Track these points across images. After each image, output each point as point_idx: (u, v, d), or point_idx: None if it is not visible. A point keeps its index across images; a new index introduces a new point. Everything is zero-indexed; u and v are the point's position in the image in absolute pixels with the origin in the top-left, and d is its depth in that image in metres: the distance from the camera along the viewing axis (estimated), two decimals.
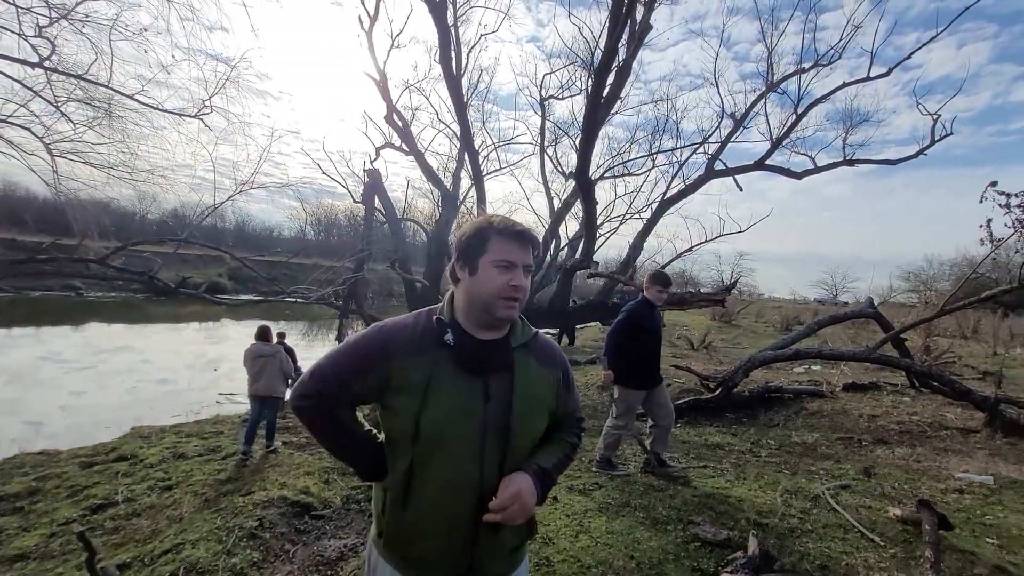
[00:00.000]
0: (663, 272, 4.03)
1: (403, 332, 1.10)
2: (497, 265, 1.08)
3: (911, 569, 2.66)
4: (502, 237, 1.09)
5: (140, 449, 5.84)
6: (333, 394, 1.08)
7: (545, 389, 1.17)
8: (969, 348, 14.30)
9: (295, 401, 1.11)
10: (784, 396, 6.69)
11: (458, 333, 1.09)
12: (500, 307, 1.08)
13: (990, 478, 4.10)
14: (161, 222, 30.54)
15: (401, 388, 1.04)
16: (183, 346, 15.90)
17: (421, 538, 1.09)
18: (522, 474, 1.08)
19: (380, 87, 8.62)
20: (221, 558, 2.78)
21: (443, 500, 1.06)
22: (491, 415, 1.06)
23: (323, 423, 1.12)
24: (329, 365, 1.10)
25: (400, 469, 1.07)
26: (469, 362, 1.07)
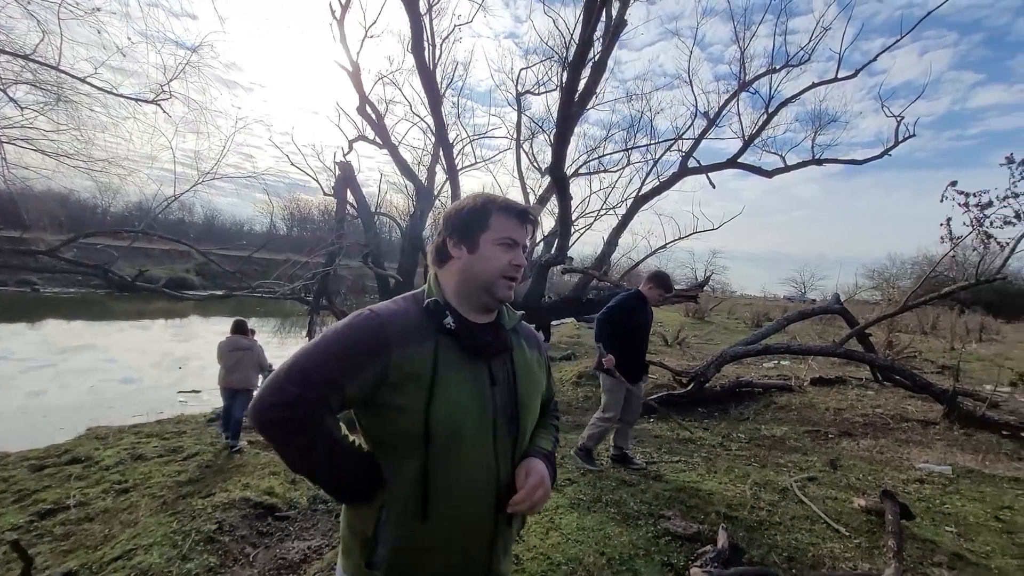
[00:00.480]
0: (667, 275, 3.98)
1: (398, 317, 0.96)
2: (500, 243, 1.02)
3: (875, 558, 2.71)
4: (505, 214, 1.03)
5: (96, 451, 5.58)
6: (321, 399, 0.89)
7: (538, 371, 1.16)
8: (928, 343, 14.85)
9: (266, 413, 0.88)
10: (754, 390, 6.81)
11: (457, 317, 1.00)
12: (501, 287, 1.03)
13: (948, 468, 4.23)
14: (124, 215, 29.41)
15: (402, 381, 0.91)
16: (148, 344, 15.35)
17: (445, 548, 0.97)
18: (536, 459, 1.05)
19: (353, 78, 8.42)
20: (175, 564, 2.65)
21: (468, 499, 0.97)
22: (500, 401, 1.00)
23: (309, 439, 0.90)
24: (313, 362, 0.90)
25: (409, 475, 0.93)
26: (474, 346, 0.99)
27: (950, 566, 2.66)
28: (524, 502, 0.98)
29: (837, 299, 7.77)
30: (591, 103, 8.16)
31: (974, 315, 21.32)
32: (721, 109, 9.32)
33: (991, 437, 4.97)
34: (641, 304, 3.89)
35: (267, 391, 0.89)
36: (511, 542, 1.10)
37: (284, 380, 0.88)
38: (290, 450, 0.92)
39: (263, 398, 0.89)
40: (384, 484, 0.96)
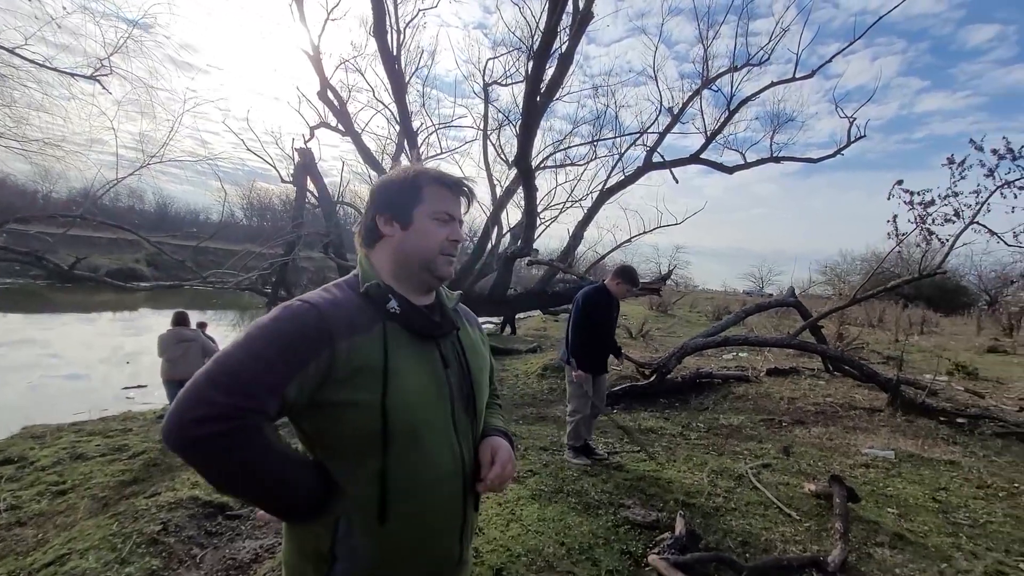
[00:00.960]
0: (634, 270, 3.96)
1: (338, 305, 0.86)
2: (436, 217, 0.97)
3: (823, 540, 2.81)
4: (438, 186, 0.98)
5: (31, 450, 5.23)
6: (258, 407, 0.75)
7: (483, 348, 1.13)
8: (875, 335, 15.62)
9: (189, 431, 0.72)
10: (714, 381, 6.99)
11: (400, 299, 0.93)
12: (441, 264, 0.97)
13: (891, 453, 4.44)
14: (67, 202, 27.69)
15: (351, 375, 0.82)
16: (95, 338, 14.55)
17: (418, 546, 0.90)
18: (497, 439, 1.03)
19: (314, 62, 8.14)
20: (113, 568, 2.50)
21: (437, 488, 0.91)
22: (455, 383, 0.96)
23: (245, 457, 0.75)
24: (243, 364, 0.76)
25: (369, 477, 0.85)
26: (423, 329, 0.93)
27: (891, 546, 2.79)
28: (498, 479, 0.95)
29: (792, 293, 8.06)
30: (558, 95, 8.15)
31: (916, 309, 22.57)
32: (685, 105, 9.49)
33: (930, 423, 5.24)
34: (606, 299, 3.90)
35: (187, 404, 0.73)
36: (475, 525, 1.07)
37: (208, 389, 0.74)
38: (222, 472, 0.76)
39: (184, 413, 0.72)
40: (337, 493, 0.85)
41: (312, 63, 8.09)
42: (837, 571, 2.46)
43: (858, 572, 2.51)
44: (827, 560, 2.50)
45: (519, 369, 8.61)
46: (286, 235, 8.48)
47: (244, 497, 0.86)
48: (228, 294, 19.18)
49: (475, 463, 0.98)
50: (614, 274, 3.96)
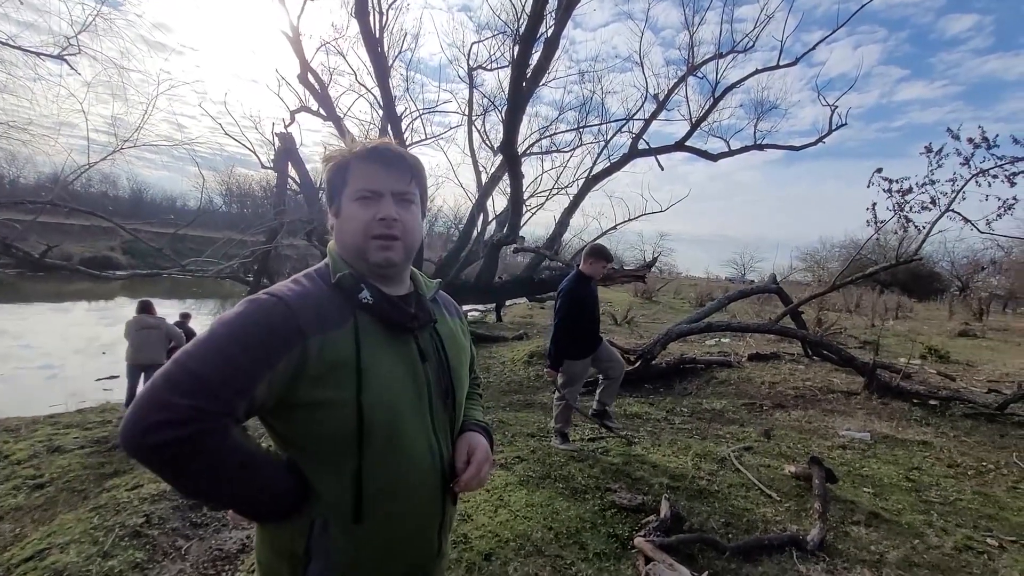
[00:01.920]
0: (603, 247, 3.94)
1: (307, 297, 0.81)
2: (360, 197, 0.87)
3: (803, 520, 2.89)
4: (360, 161, 0.88)
5: (5, 444, 5.10)
6: (223, 410, 0.71)
7: (463, 339, 1.07)
8: (853, 320, 15.99)
9: (150, 436, 0.66)
10: (697, 367, 7.09)
11: (373, 289, 0.86)
12: (372, 249, 0.87)
13: (867, 434, 4.58)
14: (36, 188, 26.75)
15: (324, 373, 0.77)
16: (70, 328, 14.17)
17: (392, 550, 0.87)
18: (474, 434, 0.99)
19: (293, 44, 7.93)
20: (95, 562, 2.46)
21: (413, 487, 0.87)
22: (433, 377, 0.92)
23: (211, 461, 0.71)
24: (207, 364, 0.71)
25: (345, 477, 0.81)
26: (398, 320, 0.88)
27: (867, 524, 2.88)
28: (474, 479, 0.92)
29: (774, 279, 8.19)
30: (544, 80, 8.08)
31: (892, 295, 23.16)
32: (670, 92, 9.49)
33: (904, 405, 5.41)
34: (584, 283, 3.87)
35: (145, 408, 0.67)
36: (453, 519, 1.04)
37: (167, 392, 0.68)
38: (185, 478, 0.71)
39: (141, 418, 0.67)
40: (310, 493, 0.82)
41: (292, 45, 7.88)
42: (816, 549, 2.54)
43: (836, 550, 2.59)
44: (807, 539, 2.58)
45: (505, 356, 8.64)
46: (268, 222, 8.31)
47: (211, 502, 0.83)
48: (208, 283, 18.81)
49: (452, 458, 0.95)
50: (585, 256, 3.92)
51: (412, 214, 0.92)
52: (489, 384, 7.33)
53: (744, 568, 2.40)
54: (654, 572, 2.21)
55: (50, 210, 5.95)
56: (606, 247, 3.98)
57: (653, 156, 9.41)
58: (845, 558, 2.53)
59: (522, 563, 2.34)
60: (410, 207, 0.91)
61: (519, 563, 2.33)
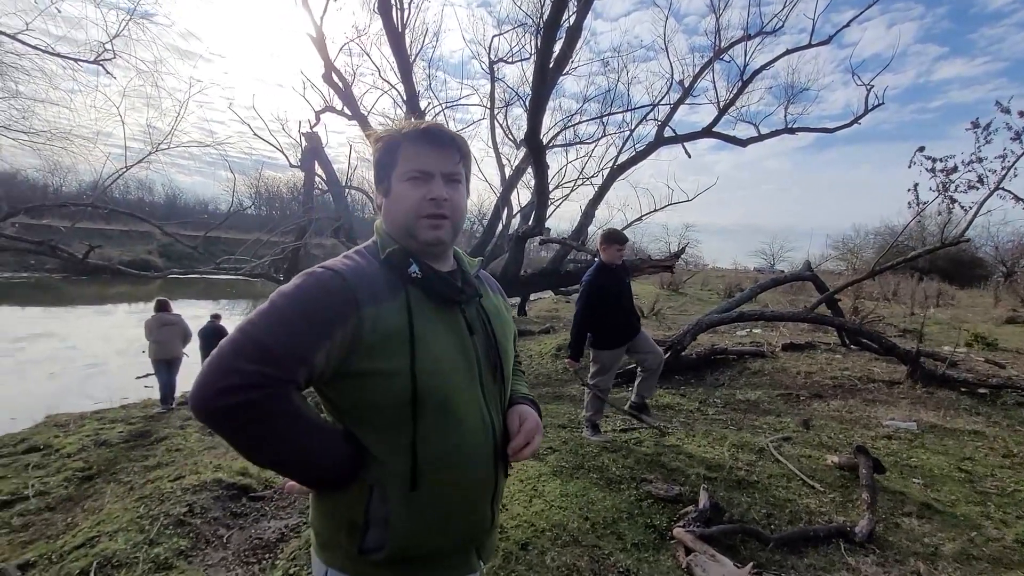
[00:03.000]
0: (614, 229, 3.87)
1: (361, 271, 0.84)
2: (411, 177, 0.89)
3: (849, 511, 2.78)
4: (411, 142, 0.89)
5: (55, 438, 5.34)
6: (286, 376, 0.73)
7: (507, 315, 1.09)
8: (891, 308, 15.41)
9: (218, 400, 0.70)
10: (728, 357, 6.93)
11: (422, 264, 0.88)
12: (423, 228, 0.89)
13: (914, 424, 4.39)
14: (77, 195, 27.95)
15: (378, 343, 0.79)
16: (111, 330, 14.73)
17: (447, 518, 0.88)
18: (524, 406, 1.01)
19: (317, 44, 8.02)
20: (142, 549, 2.53)
21: (468, 455, 0.88)
22: (481, 349, 0.93)
23: (275, 426, 0.74)
24: (269, 332, 0.74)
25: (402, 445, 0.83)
26: (445, 294, 0.89)
27: (919, 515, 2.76)
28: (525, 447, 0.93)
29: (808, 267, 7.93)
30: (566, 68, 7.98)
31: (932, 282, 22.22)
32: (696, 77, 9.26)
33: (951, 394, 5.17)
34: (606, 273, 3.78)
35: (214, 374, 0.71)
36: (503, 491, 1.04)
37: (234, 359, 0.72)
38: (251, 441, 0.75)
39: (211, 383, 0.71)
40: (369, 461, 0.84)
41: (316, 45, 7.97)
42: (865, 541, 2.43)
43: (887, 542, 2.48)
44: (855, 530, 2.48)
45: (533, 350, 8.61)
46: (297, 220, 8.46)
47: (274, 466, 0.83)
48: (241, 283, 19.32)
49: (504, 429, 0.97)
50: (599, 243, 3.83)
51: (460, 194, 0.93)
52: None
53: (789, 560, 2.32)
54: (696, 563, 2.15)
55: (91, 214, 6.18)
56: (617, 230, 3.91)
57: (680, 143, 9.20)
58: (897, 550, 2.42)
59: (559, 552, 2.31)
60: (458, 187, 0.93)
61: (556, 552, 2.31)
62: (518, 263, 7.78)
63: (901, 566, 2.31)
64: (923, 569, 2.27)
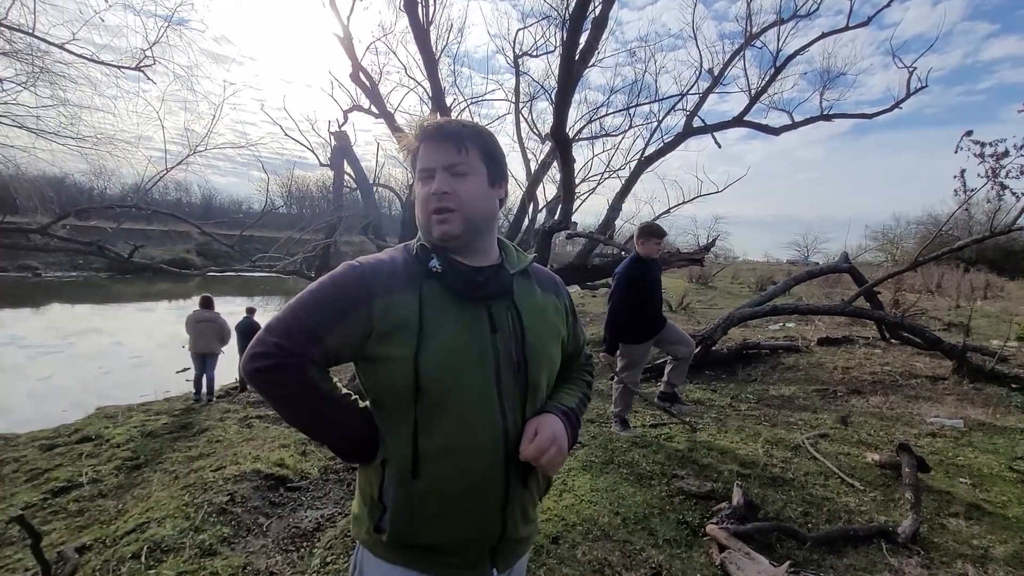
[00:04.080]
0: (653, 223, 3.82)
1: (382, 265, 0.91)
2: (420, 178, 0.94)
3: (891, 511, 2.69)
4: (420, 143, 0.94)
5: (106, 429, 5.61)
6: (300, 350, 0.84)
7: (554, 316, 1.03)
8: (934, 301, 14.75)
9: (248, 364, 0.85)
10: (761, 352, 6.76)
11: (446, 259, 0.91)
12: (432, 224, 0.92)
13: (960, 422, 4.20)
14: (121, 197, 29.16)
15: (388, 331, 0.85)
16: (154, 326, 15.37)
17: (445, 513, 0.89)
18: (550, 415, 0.94)
19: (345, 45, 8.13)
20: (188, 535, 2.65)
21: (469, 455, 0.88)
22: (502, 348, 0.90)
23: (289, 389, 0.86)
24: (292, 314, 0.86)
25: (403, 431, 0.87)
26: (465, 287, 0.90)
27: (967, 516, 2.65)
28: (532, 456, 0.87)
29: (846, 258, 7.66)
30: (592, 60, 7.89)
31: (979, 273, 21.15)
32: (727, 64, 9.00)
33: (1000, 391, 4.94)
34: (643, 266, 3.73)
35: (252, 344, 0.87)
36: (531, 505, 0.99)
37: (264, 333, 0.87)
38: (278, 398, 0.89)
39: (248, 351, 0.87)
40: (381, 440, 0.92)
41: (343, 46, 8.08)
42: (909, 541, 2.35)
43: (932, 543, 2.39)
44: (897, 530, 2.40)
45: None
46: (327, 218, 8.65)
47: (300, 428, 0.94)
48: (274, 280, 19.86)
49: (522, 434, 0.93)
50: (636, 236, 3.80)
51: (467, 184, 0.92)
52: None
53: (828, 559, 2.27)
54: (730, 560, 2.12)
55: (134, 215, 6.46)
56: (655, 223, 3.85)
57: (709, 133, 8.98)
58: (943, 552, 2.33)
59: (590, 547, 2.31)
60: (464, 178, 0.92)
61: (587, 547, 2.31)
62: (545, 257, 7.75)
63: (948, 568, 2.22)
64: (972, 572, 2.18)
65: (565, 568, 2.16)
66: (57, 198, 7.68)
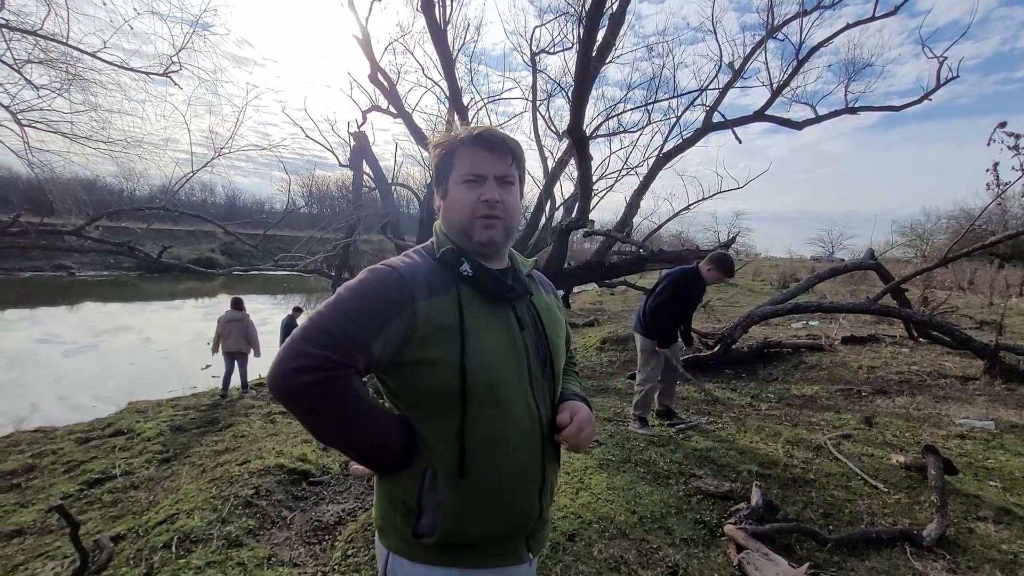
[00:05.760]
0: (731, 260, 3.90)
1: (417, 268, 0.91)
2: (465, 180, 0.94)
3: (916, 514, 2.64)
4: (466, 147, 0.95)
5: (137, 423, 5.80)
6: (347, 360, 0.81)
7: (559, 314, 1.11)
8: (966, 299, 14.31)
9: (289, 380, 0.79)
10: (783, 351, 6.66)
11: (474, 263, 0.94)
12: (478, 228, 0.94)
13: (991, 423, 4.08)
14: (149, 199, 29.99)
15: (431, 335, 0.85)
16: (181, 324, 15.80)
17: (494, 504, 0.91)
18: (575, 401, 1.02)
19: (363, 45, 8.21)
20: (216, 527, 2.73)
21: (514, 446, 0.92)
22: (531, 344, 0.96)
23: (339, 404, 0.82)
24: (334, 321, 0.83)
25: (450, 433, 0.88)
26: (496, 291, 0.94)
27: (996, 520, 2.58)
28: (575, 436, 0.95)
29: (871, 254, 7.47)
30: (609, 57, 7.83)
31: (1014, 270, 20.39)
32: (748, 58, 8.81)
33: None
34: (696, 281, 3.87)
35: (286, 357, 0.80)
36: (555, 485, 1.06)
37: (303, 344, 0.81)
38: (318, 418, 0.84)
39: (283, 365, 0.80)
40: (422, 447, 0.90)
41: (362, 47, 8.16)
42: (934, 545, 2.31)
43: (958, 547, 2.34)
44: (922, 534, 2.35)
45: (577, 343, 8.58)
46: (346, 217, 8.77)
47: (338, 445, 0.91)
48: (296, 279, 20.22)
49: (552, 423, 0.99)
50: (709, 259, 3.88)
51: (513, 195, 0.97)
52: None
53: (849, 562, 2.24)
54: (749, 561, 2.11)
55: (162, 216, 6.66)
56: (731, 260, 3.92)
57: (729, 129, 8.82)
58: (970, 556, 2.28)
59: (606, 545, 2.32)
60: (511, 189, 0.97)
61: (603, 545, 2.32)
62: (563, 255, 7.73)
63: (975, 574, 2.18)
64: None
65: (581, 565, 2.18)
66: (90, 201, 7.96)
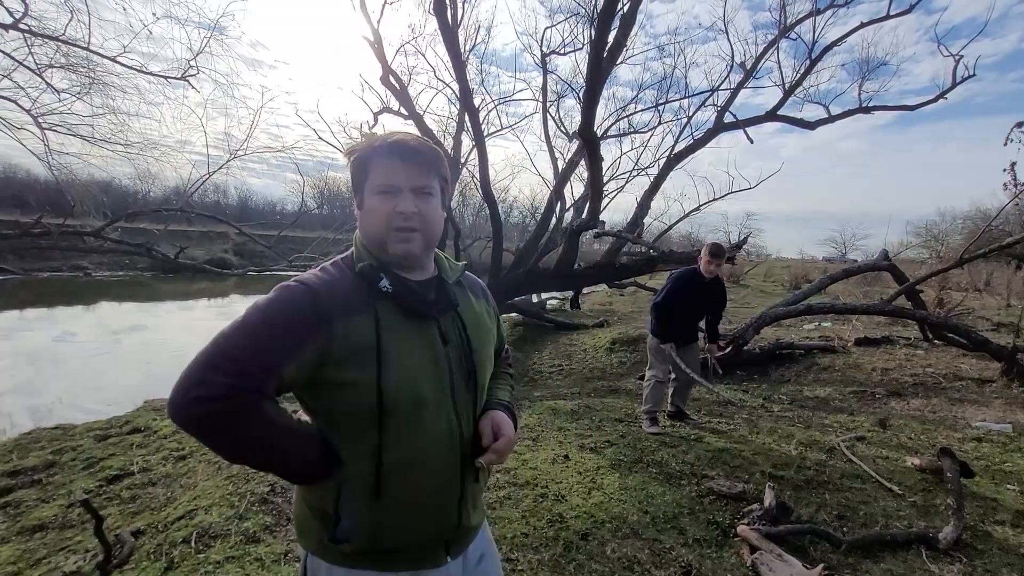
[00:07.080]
0: (716, 243, 3.92)
1: (334, 286, 0.87)
2: (380, 191, 0.91)
3: (931, 517, 2.62)
4: (380, 157, 0.91)
5: (154, 421, 5.89)
6: (256, 388, 0.77)
7: (488, 321, 1.08)
8: (982, 300, 14.08)
9: (186, 410, 0.74)
10: (795, 352, 6.61)
11: (393, 277, 0.91)
12: (393, 241, 0.91)
13: (1008, 426, 4.03)
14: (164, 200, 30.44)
15: (347, 356, 0.83)
16: (195, 323, 15.98)
17: (412, 515, 0.92)
18: (498, 413, 1.01)
19: (375, 48, 8.29)
20: (233, 522, 2.79)
21: (431, 463, 0.92)
22: (454, 359, 0.95)
23: (249, 431, 0.77)
24: (241, 346, 0.78)
25: (365, 453, 0.87)
26: (417, 305, 0.92)
27: (1014, 524, 2.56)
28: (493, 461, 0.95)
29: (885, 255, 7.40)
30: (620, 57, 7.83)
31: None
32: (760, 58, 8.80)
33: None
34: (693, 277, 3.89)
35: (187, 384, 0.75)
36: (480, 494, 1.05)
37: (207, 371, 0.75)
38: (223, 446, 0.80)
39: (184, 394, 0.75)
40: (340, 461, 0.88)
41: (373, 50, 8.24)
42: (950, 548, 2.29)
43: (974, 550, 2.32)
44: (938, 536, 2.34)
45: (587, 344, 8.57)
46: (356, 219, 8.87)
47: (251, 466, 0.89)
48: None
49: (473, 436, 0.98)
50: (701, 252, 3.94)
51: (431, 206, 0.94)
52: (572, 371, 7.32)
53: (863, 564, 2.23)
54: (762, 562, 2.11)
55: (178, 217, 6.78)
56: (717, 243, 3.93)
57: (741, 129, 8.80)
58: (987, 560, 2.26)
59: (619, 544, 2.33)
60: (429, 199, 0.94)
61: (616, 544, 2.33)
62: (573, 256, 7.75)
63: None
64: None
65: (595, 564, 2.19)
66: (107, 202, 8.12)
